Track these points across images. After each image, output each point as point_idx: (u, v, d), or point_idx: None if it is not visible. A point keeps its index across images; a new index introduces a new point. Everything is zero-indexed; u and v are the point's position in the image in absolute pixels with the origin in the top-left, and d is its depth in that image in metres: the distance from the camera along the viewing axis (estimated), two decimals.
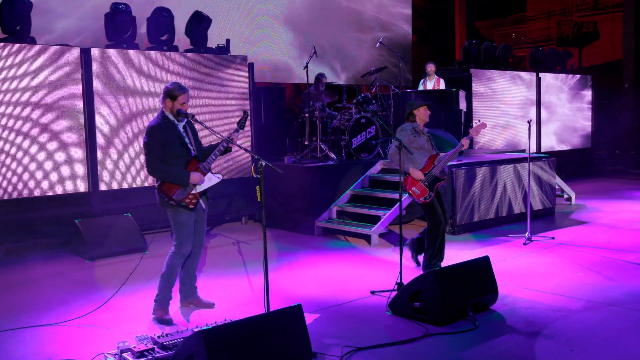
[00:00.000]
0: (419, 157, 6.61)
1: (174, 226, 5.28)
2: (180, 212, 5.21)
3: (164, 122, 5.19)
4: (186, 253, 5.33)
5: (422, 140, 6.67)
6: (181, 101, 5.21)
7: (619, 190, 13.08)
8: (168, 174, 5.12)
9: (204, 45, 9.54)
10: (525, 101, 14.13)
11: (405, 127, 6.78)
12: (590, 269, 6.69)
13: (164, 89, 5.24)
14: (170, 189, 5.14)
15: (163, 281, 5.33)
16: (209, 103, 9.24)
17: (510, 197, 9.46)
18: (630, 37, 18.34)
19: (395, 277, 5.91)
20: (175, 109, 5.21)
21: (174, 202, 5.13)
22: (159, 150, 5.11)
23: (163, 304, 5.32)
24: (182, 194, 5.16)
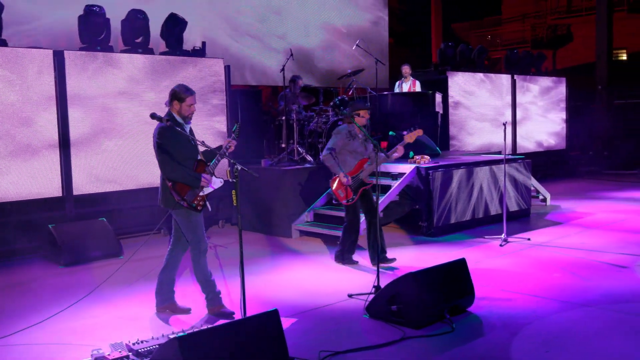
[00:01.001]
0: (351, 161, 6.78)
1: (187, 227, 5.29)
2: (191, 213, 5.24)
3: (173, 123, 5.19)
4: (206, 249, 5.38)
5: (356, 144, 6.80)
6: (189, 103, 5.22)
7: (592, 191, 13.25)
8: (184, 174, 5.13)
9: (180, 47, 9.47)
10: (500, 103, 14.25)
11: (341, 129, 6.87)
12: (566, 269, 6.75)
13: (171, 91, 5.25)
14: (184, 189, 5.16)
15: (203, 283, 5.43)
16: None
17: (486, 199, 9.52)
18: (603, 39, 18.59)
19: (373, 280, 5.90)
20: (183, 111, 5.21)
21: (186, 202, 5.15)
22: (172, 150, 5.09)
23: (216, 300, 5.42)
24: (192, 195, 5.19)
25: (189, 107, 5.21)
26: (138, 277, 6.86)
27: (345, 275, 6.78)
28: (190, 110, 5.23)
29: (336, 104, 10.12)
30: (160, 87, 8.96)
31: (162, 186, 5.25)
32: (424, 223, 8.86)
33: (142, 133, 8.78)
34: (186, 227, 5.31)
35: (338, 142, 6.77)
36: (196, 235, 5.30)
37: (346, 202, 6.81)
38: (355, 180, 6.76)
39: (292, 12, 13.39)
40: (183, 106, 5.20)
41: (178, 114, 5.23)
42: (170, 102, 5.24)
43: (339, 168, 6.77)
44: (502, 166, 9.72)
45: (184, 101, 5.18)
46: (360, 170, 6.79)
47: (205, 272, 5.43)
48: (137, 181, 8.79)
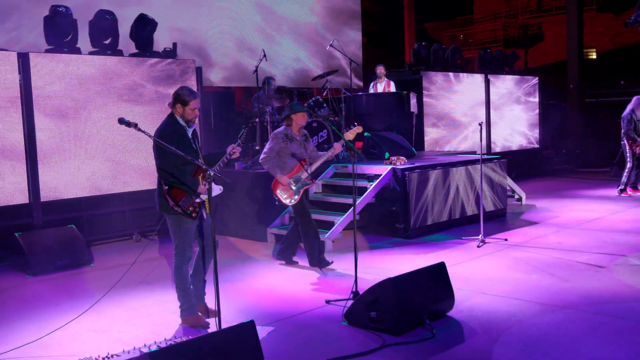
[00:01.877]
0: (291, 162, 6.89)
1: (176, 233, 5.17)
2: (183, 220, 5.10)
3: (176, 126, 5.07)
4: (190, 257, 5.24)
5: (294, 146, 6.90)
6: (192, 107, 5.08)
7: (567, 190, 13.32)
8: (181, 179, 4.98)
9: (150, 49, 9.26)
10: (474, 102, 14.26)
11: (277, 133, 6.91)
12: (544, 270, 6.71)
13: (174, 94, 5.11)
14: (179, 194, 5.02)
15: (180, 292, 5.27)
16: (155, 108, 8.96)
17: (463, 199, 9.47)
18: (574, 38, 18.74)
19: (351, 285, 5.79)
20: (186, 114, 5.08)
21: (180, 208, 5.01)
22: (171, 155, 4.92)
23: (190, 311, 5.26)
24: (188, 201, 5.04)
25: (192, 111, 5.09)
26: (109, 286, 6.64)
27: (322, 280, 6.66)
28: (194, 115, 5.12)
29: (310, 105, 10.00)
30: (130, 89, 8.75)
31: (159, 189, 5.12)
32: (400, 225, 8.77)
33: (112, 136, 8.56)
34: (174, 232, 5.18)
35: (274, 147, 6.87)
36: (183, 242, 5.18)
37: (288, 203, 6.92)
38: (296, 181, 6.84)
39: (264, 12, 13.23)
40: (187, 110, 5.07)
41: (181, 117, 5.11)
42: (173, 105, 5.13)
43: (277, 170, 6.86)
44: (477, 166, 9.70)
45: (187, 105, 5.06)
46: (300, 171, 6.91)
47: (185, 281, 5.27)
48: (107, 186, 8.56)
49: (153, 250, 8.46)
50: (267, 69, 11.82)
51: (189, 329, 5.20)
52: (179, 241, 5.19)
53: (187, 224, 5.13)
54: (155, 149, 4.99)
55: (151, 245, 8.72)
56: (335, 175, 9.54)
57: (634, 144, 11.70)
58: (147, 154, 8.92)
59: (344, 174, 9.44)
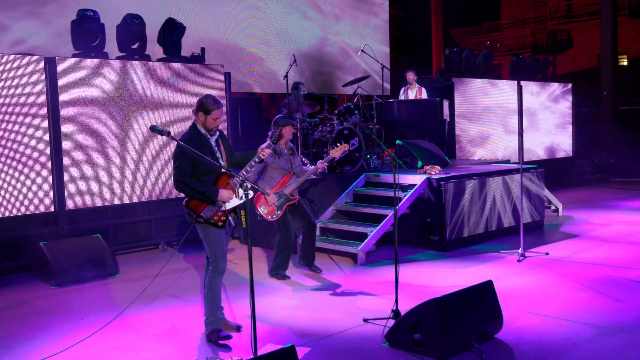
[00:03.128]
0: (277, 177, 6.83)
1: (206, 242, 5.02)
2: (210, 229, 4.93)
3: (196, 135, 4.91)
4: (224, 269, 5.06)
5: (282, 161, 6.86)
6: (215, 116, 4.92)
7: (603, 200, 12.85)
8: (197, 190, 4.81)
9: (178, 54, 9.05)
10: (507, 110, 13.85)
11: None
12: (592, 288, 6.32)
13: (198, 102, 4.95)
14: (199, 205, 4.86)
15: (208, 304, 5.08)
16: (184, 114, 8.73)
17: (499, 210, 9.10)
18: (608, 44, 18.21)
19: (389, 301, 5.48)
20: (207, 123, 4.92)
21: (202, 219, 4.84)
22: (189, 165, 4.80)
23: (215, 324, 5.05)
24: (211, 210, 4.87)
25: (214, 120, 4.93)
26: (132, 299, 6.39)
27: (358, 296, 6.34)
28: (215, 124, 4.95)
29: (341, 112, 9.71)
30: (158, 95, 8.53)
31: (184, 202, 4.97)
32: (435, 237, 8.44)
33: (138, 143, 8.35)
34: (204, 241, 5.03)
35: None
36: (214, 252, 4.99)
37: (271, 219, 6.83)
38: (279, 196, 6.78)
39: (292, 17, 12.99)
40: (208, 119, 4.91)
41: (202, 126, 4.94)
42: (195, 112, 4.97)
43: (263, 184, 6.76)
44: (515, 176, 9.36)
45: (210, 113, 4.90)
46: (285, 186, 6.83)
47: (215, 293, 5.07)
48: (133, 195, 8.34)
49: (179, 260, 8.21)
50: (297, 75, 11.56)
51: (220, 349, 4.92)
52: (211, 250, 5.03)
53: (212, 232, 4.96)
54: (174, 159, 4.85)
55: (176, 256, 8.48)
56: (366, 184, 9.23)
57: None
58: None
59: (376, 183, 9.12)
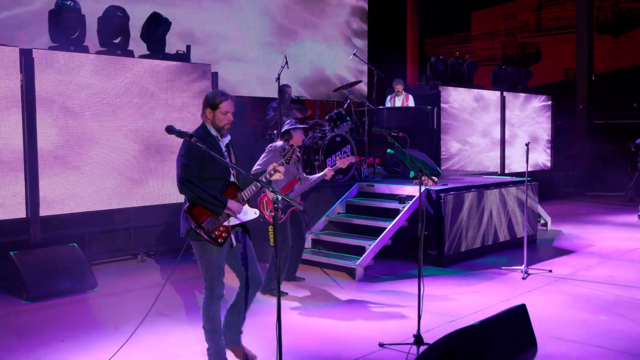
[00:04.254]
0: (282, 181, 6.51)
1: (202, 263, 4.34)
2: (208, 247, 4.26)
3: (205, 134, 4.29)
4: (221, 295, 4.38)
5: (289, 165, 6.30)
6: (224, 109, 4.30)
7: (586, 215, 12.72)
8: (203, 195, 4.16)
9: (162, 50, 8.46)
10: (491, 120, 13.63)
11: (275, 147, 6.51)
12: (609, 310, 6.01)
13: (204, 99, 4.37)
14: (201, 214, 4.21)
15: (208, 334, 4.44)
16: (167, 116, 8.16)
17: (496, 224, 8.78)
18: (584, 59, 18.29)
19: (401, 323, 5.05)
20: (217, 120, 4.31)
21: (203, 231, 4.18)
22: (197, 165, 4.17)
23: (219, 356, 4.44)
24: (213, 223, 4.22)
25: (224, 115, 4.31)
26: (117, 316, 5.80)
27: (364, 317, 5.88)
28: (227, 119, 4.33)
29: (332, 117, 9.26)
30: (141, 94, 7.94)
31: (182, 210, 4.32)
32: (433, 251, 8.05)
33: (119, 145, 7.73)
34: (200, 262, 4.35)
35: (270, 160, 6.32)
36: (210, 275, 4.33)
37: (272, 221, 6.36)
38: (284, 200, 6.20)
39: (280, 19, 12.51)
40: (217, 114, 4.30)
41: (212, 125, 4.34)
42: (202, 111, 4.37)
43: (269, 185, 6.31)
44: (511, 189, 9.10)
45: (217, 108, 4.29)
46: (290, 190, 6.57)
47: (214, 321, 4.43)
48: (112, 200, 7.71)
49: (156, 271, 7.64)
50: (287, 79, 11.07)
51: None
52: (206, 274, 4.35)
53: (212, 252, 4.28)
54: (179, 158, 4.22)
55: (152, 267, 7.91)
56: (359, 194, 8.79)
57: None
58: (156, 165, 8.11)
59: (370, 193, 8.70)
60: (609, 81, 26.16)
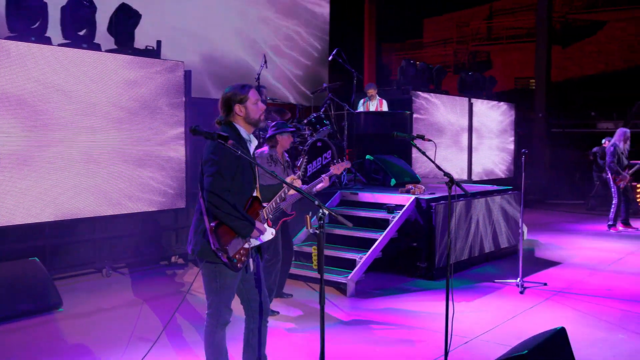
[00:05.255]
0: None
1: (211, 287, 3.74)
2: (222, 271, 3.67)
3: (237, 138, 3.66)
4: (227, 321, 3.78)
5: (278, 170, 6.03)
6: (253, 99, 3.73)
7: (555, 223, 12.62)
8: (235, 214, 3.57)
9: (131, 45, 7.76)
10: (459, 126, 13.39)
11: (261, 155, 5.95)
12: (623, 327, 5.71)
13: (224, 99, 3.75)
14: (227, 235, 3.61)
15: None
16: (136, 117, 7.47)
17: (482, 235, 8.45)
18: (542, 68, 18.40)
19: (414, 349, 4.57)
20: (251, 113, 3.71)
21: (225, 254, 3.60)
22: (231, 175, 3.58)
23: None
24: (236, 245, 3.64)
25: (255, 105, 3.73)
26: (90, 341, 5.12)
27: (373, 341, 5.38)
28: (260, 109, 3.75)
29: (312, 121, 8.74)
30: (108, 91, 7.22)
31: (197, 224, 3.70)
32: (423, 263, 7.63)
33: (83, 148, 7.00)
34: (209, 286, 3.74)
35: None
36: (219, 300, 3.73)
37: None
38: (276, 210, 5.73)
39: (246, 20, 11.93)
40: (249, 106, 3.71)
41: (245, 123, 3.74)
42: (227, 113, 3.75)
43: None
44: (496, 198, 8.81)
45: (247, 100, 3.70)
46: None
47: (219, 351, 3.81)
48: (76, 209, 6.96)
49: (125, 287, 6.95)
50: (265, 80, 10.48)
51: None
52: (215, 299, 3.74)
53: (227, 276, 3.69)
54: (210, 165, 3.58)
55: (122, 282, 7.20)
56: (342, 203, 8.29)
57: (618, 178, 11.07)
58: (124, 170, 7.39)
59: (354, 202, 8.21)
60: (558, 91, 26.66)
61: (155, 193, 7.72)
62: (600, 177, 15.79)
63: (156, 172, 7.74)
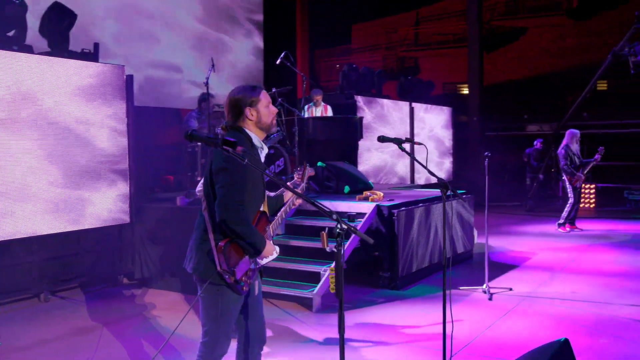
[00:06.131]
0: None
1: (210, 313, 3.29)
2: (225, 295, 3.23)
3: (249, 146, 3.27)
4: (223, 353, 3.35)
5: None
6: (265, 101, 3.37)
7: (501, 226, 12.61)
8: (250, 230, 3.17)
9: (66, 47, 7.12)
10: (401, 131, 13.28)
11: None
12: (601, 331, 5.60)
13: (232, 102, 3.35)
14: (236, 255, 3.21)
15: None
16: (74, 127, 6.83)
17: (440, 240, 8.26)
18: (475, 73, 18.68)
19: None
20: (263, 117, 3.34)
21: (232, 277, 3.17)
22: (245, 187, 3.17)
23: None
24: (244, 267, 3.22)
25: (267, 108, 3.37)
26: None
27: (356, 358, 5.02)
28: (272, 113, 3.39)
29: None
30: (40, 98, 6.55)
31: (199, 241, 3.27)
32: (385, 273, 7.35)
33: (15, 160, 6.31)
34: (207, 312, 3.30)
35: None
36: (217, 329, 3.29)
37: None
38: None
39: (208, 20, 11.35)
40: (261, 110, 3.35)
41: (256, 128, 3.36)
42: (235, 117, 3.34)
43: None
44: (453, 202, 8.63)
45: (259, 102, 3.34)
46: None
47: None
48: (8, 228, 6.25)
49: (66, 314, 6.31)
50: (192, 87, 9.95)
51: None
52: (213, 326, 3.31)
53: (230, 301, 3.28)
54: (222, 176, 3.16)
55: (73, 307, 6.55)
56: (298, 212, 7.90)
57: (574, 179, 11.21)
58: (62, 184, 6.72)
59: (310, 211, 7.83)
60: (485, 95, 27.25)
61: (97, 209, 7.08)
62: (535, 178, 16.13)
63: (97, 186, 7.11)
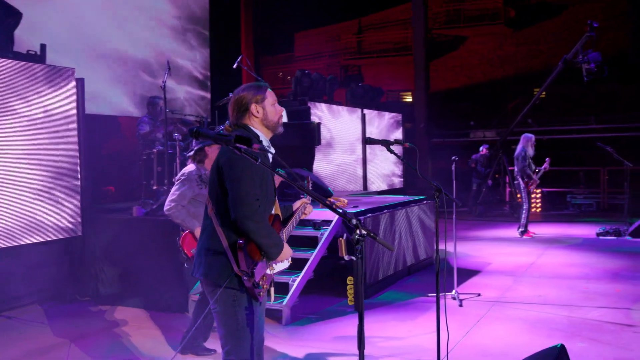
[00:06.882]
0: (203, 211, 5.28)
1: (232, 326, 2.99)
2: (245, 304, 2.95)
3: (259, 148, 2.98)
4: None
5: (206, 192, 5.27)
6: (272, 100, 3.19)
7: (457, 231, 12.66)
8: (268, 227, 2.98)
9: (10, 48, 6.65)
10: (354, 138, 13.17)
11: (190, 175, 5.12)
12: (577, 334, 5.58)
13: (236, 97, 3.16)
14: (255, 255, 2.95)
15: None
16: (19, 130, 6.36)
17: (404, 247, 8.16)
18: (421, 80, 18.88)
19: None
20: (269, 115, 3.17)
21: (251, 280, 2.90)
22: (260, 188, 2.95)
23: None
24: (262, 269, 2.96)
25: (273, 106, 3.20)
26: None
27: None
28: (278, 112, 3.22)
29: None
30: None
31: (208, 244, 2.99)
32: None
33: None
34: (227, 324, 3.00)
35: (186, 193, 5.04)
36: (238, 341, 2.99)
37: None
38: None
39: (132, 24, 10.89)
40: (267, 107, 3.17)
41: (263, 127, 3.17)
42: (240, 115, 3.12)
43: (194, 222, 5.01)
44: (414, 208, 8.55)
45: (265, 99, 3.15)
46: None
47: None
48: None
49: (23, 337, 5.84)
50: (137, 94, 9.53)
51: None
52: (233, 337, 2.99)
53: (244, 305, 2.97)
54: (236, 176, 2.94)
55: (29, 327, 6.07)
56: None
57: (530, 182, 11.32)
58: (6, 196, 6.25)
59: None
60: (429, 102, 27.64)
61: (45, 221, 6.62)
62: (483, 183, 16.32)
63: (45, 198, 6.64)
